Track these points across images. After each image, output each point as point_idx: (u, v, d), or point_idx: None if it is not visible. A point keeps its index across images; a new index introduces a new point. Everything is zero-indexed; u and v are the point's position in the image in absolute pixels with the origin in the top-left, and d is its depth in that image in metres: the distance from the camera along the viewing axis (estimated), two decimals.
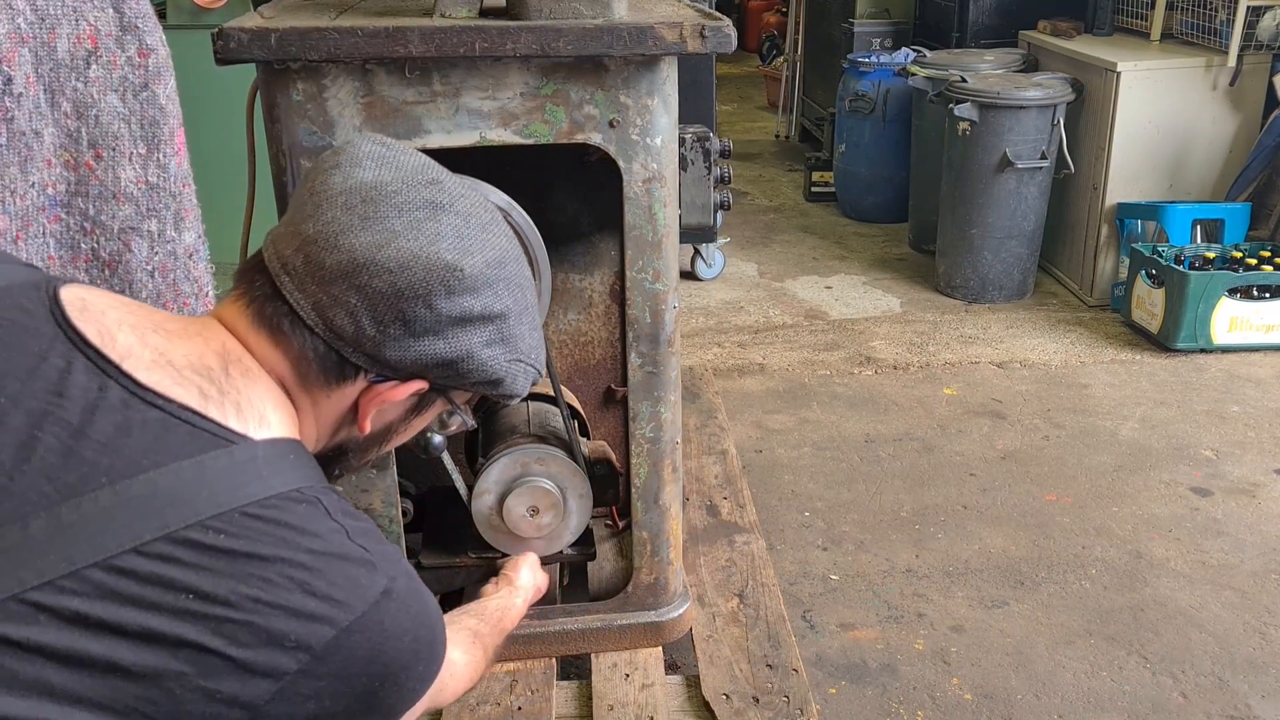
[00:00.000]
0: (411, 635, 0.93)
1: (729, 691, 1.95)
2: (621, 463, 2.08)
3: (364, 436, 1.06)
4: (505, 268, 1.02)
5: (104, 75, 1.56)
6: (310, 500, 0.91)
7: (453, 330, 0.98)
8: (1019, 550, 2.84)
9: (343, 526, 0.91)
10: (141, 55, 1.60)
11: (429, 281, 0.95)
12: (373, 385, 1.01)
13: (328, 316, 0.96)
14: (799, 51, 7.14)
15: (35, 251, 1.53)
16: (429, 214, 0.98)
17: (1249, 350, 3.98)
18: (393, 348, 0.97)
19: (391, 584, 0.91)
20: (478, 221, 1.01)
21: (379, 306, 0.95)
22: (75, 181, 1.56)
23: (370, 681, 0.90)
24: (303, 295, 0.96)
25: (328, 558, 0.89)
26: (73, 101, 1.54)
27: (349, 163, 1.00)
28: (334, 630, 0.86)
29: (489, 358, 1.02)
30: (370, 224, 0.95)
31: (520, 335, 1.05)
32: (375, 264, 0.94)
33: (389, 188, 0.98)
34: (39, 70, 1.49)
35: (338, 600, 0.87)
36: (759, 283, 4.87)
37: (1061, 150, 4.33)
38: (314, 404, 1.01)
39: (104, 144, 1.58)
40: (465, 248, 0.98)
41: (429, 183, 1.00)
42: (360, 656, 0.88)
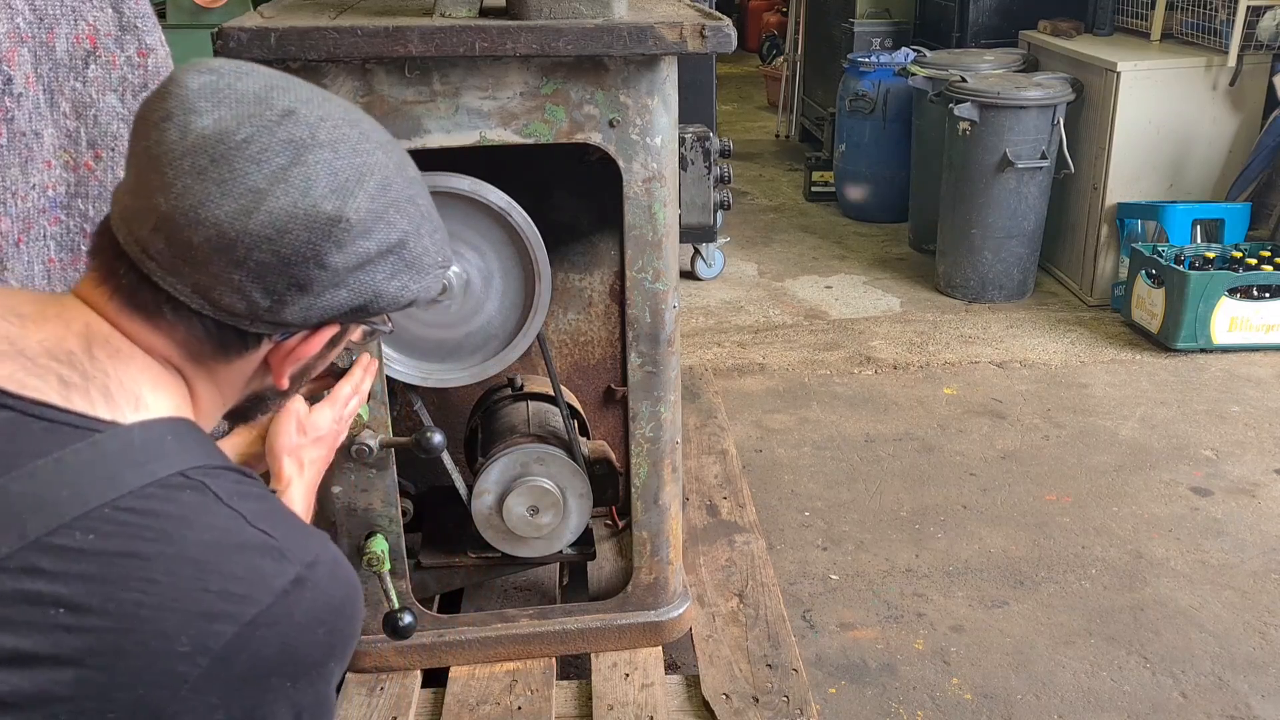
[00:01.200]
0: (327, 627, 0.84)
1: (729, 691, 1.95)
2: (621, 462, 2.08)
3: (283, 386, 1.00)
4: (390, 189, 0.91)
5: (103, 75, 1.56)
6: (196, 486, 0.82)
7: (353, 276, 0.90)
8: (1019, 550, 2.84)
9: (238, 511, 0.82)
10: (141, 55, 1.60)
11: (314, 240, 0.86)
12: (280, 343, 0.94)
13: (213, 297, 0.87)
14: (799, 51, 7.14)
15: (37, 254, 1.53)
16: (292, 157, 0.85)
17: (1249, 350, 3.98)
18: (293, 311, 0.89)
19: (305, 571, 0.82)
20: (347, 147, 0.89)
21: (267, 278, 0.86)
22: (75, 183, 1.56)
23: (280, 681, 0.81)
24: (178, 279, 0.86)
25: (222, 549, 0.80)
26: (71, 101, 1.54)
27: (182, 109, 0.86)
28: (235, 627, 0.77)
29: (398, 288, 0.94)
30: (229, 187, 0.83)
31: (424, 251, 0.96)
32: (249, 235, 0.84)
33: (237, 137, 0.84)
34: (38, 70, 1.49)
35: (237, 594, 0.78)
36: (759, 282, 4.87)
37: (1062, 150, 4.33)
38: (212, 375, 0.93)
39: (103, 144, 1.58)
40: (343, 187, 0.87)
41: (281, 116, 0.87)
42: (268, 655, 0.79)
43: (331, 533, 1.92)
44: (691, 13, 1.76)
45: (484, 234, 1.77)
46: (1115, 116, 4.22)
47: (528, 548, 1.98)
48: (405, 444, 1.80)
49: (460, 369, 1.87)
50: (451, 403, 2.31)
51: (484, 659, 2.03)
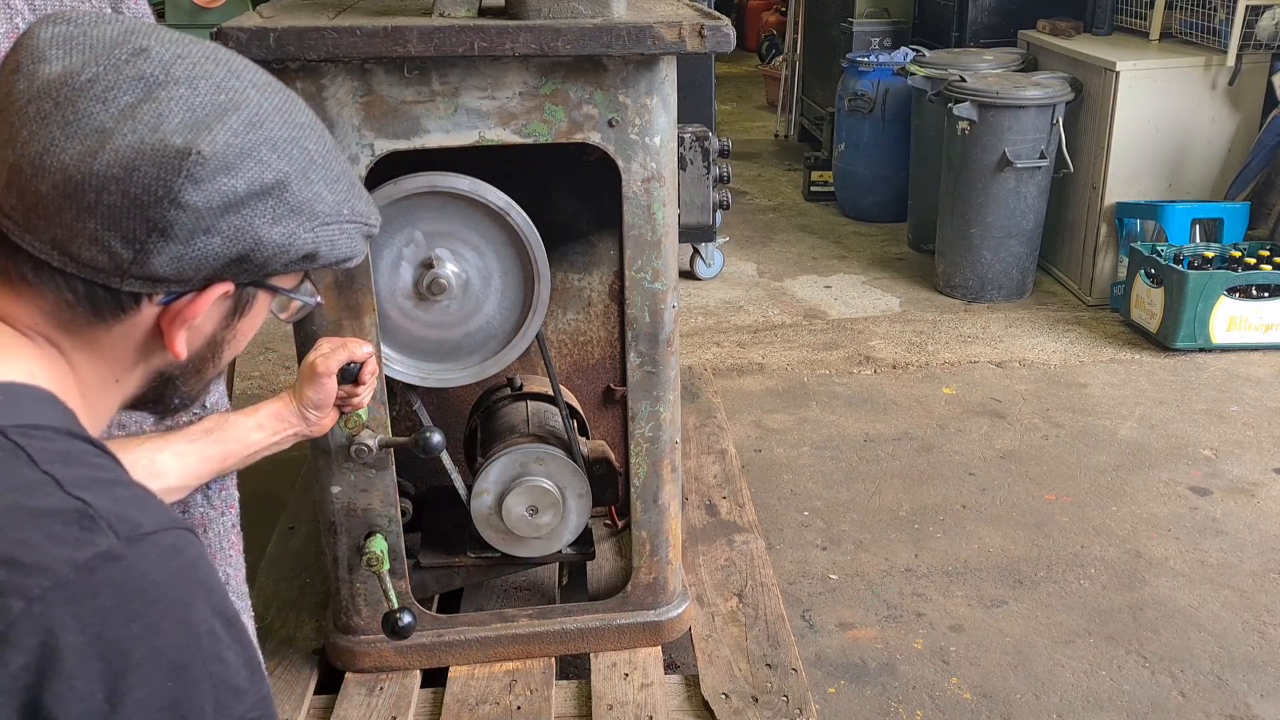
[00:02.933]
0: (142, 621, 0.71)
1: (728, 691, 1.95)
2: (620, 462, 2.08)
3: (186, 359, 0.91)
4: (261, 127, 0.83)
5: None
6: (10, 446, 0.74)
7: (224, 220, 0.82)
8: (1018, 549, 2.84)
9: (50, 476, 0.74)
10: None
11: (165, 177, 0.78)
12: (167, 306, 0.85)
13: (72, 252, 0.80)
14: (798, 51, 7.14)
15: None
16: (141, 95, 0.79)
17: (1248, 349, 3.98)
18: (161, 262, 0.81)
19: (124, 547, 0.72)
20: (209, 84, 0.82)
21: (123, 223, 0.79)
22: None
23: (103, 670, 0.69)
24: (34, 236, 0.80)
25: (18, 514, 0.71)
26: None
27: (31, 59, 0.81)
28: (22, 602, 0.67)
29: (283, 235, 0.85)
30: (73, 129, 0.78)
31: (315, 196, 0.87)
32: (96, 176, 0.78)
33: (83, 77, 0.79)
34: None
35: (27, 564, 0.68)
36: (758, 282, 4.87)
37: (1061, 150, 4.33)
38: (92, 345, 0.86)
39: None
40: (199, 122, 0.80)
41: (133, 54, 0.81)
42: (66, 644, 0.68)
43: (331, 532, 1.92)
44: (690, 12, 1.76)
45: (483, 234, 1.77)
46: (1114, 116, 4.23)
47: (527, 548, 1.99)
48: (404, 444, 1.80)
49: (459, 369, 1.87)
50: (451, 403, 2.31)
51: (483, 659, 2.03)
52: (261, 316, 0.96)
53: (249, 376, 3.84)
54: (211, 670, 0.74)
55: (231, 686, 0.75)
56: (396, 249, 1.76)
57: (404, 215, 1.73)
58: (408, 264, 1.77)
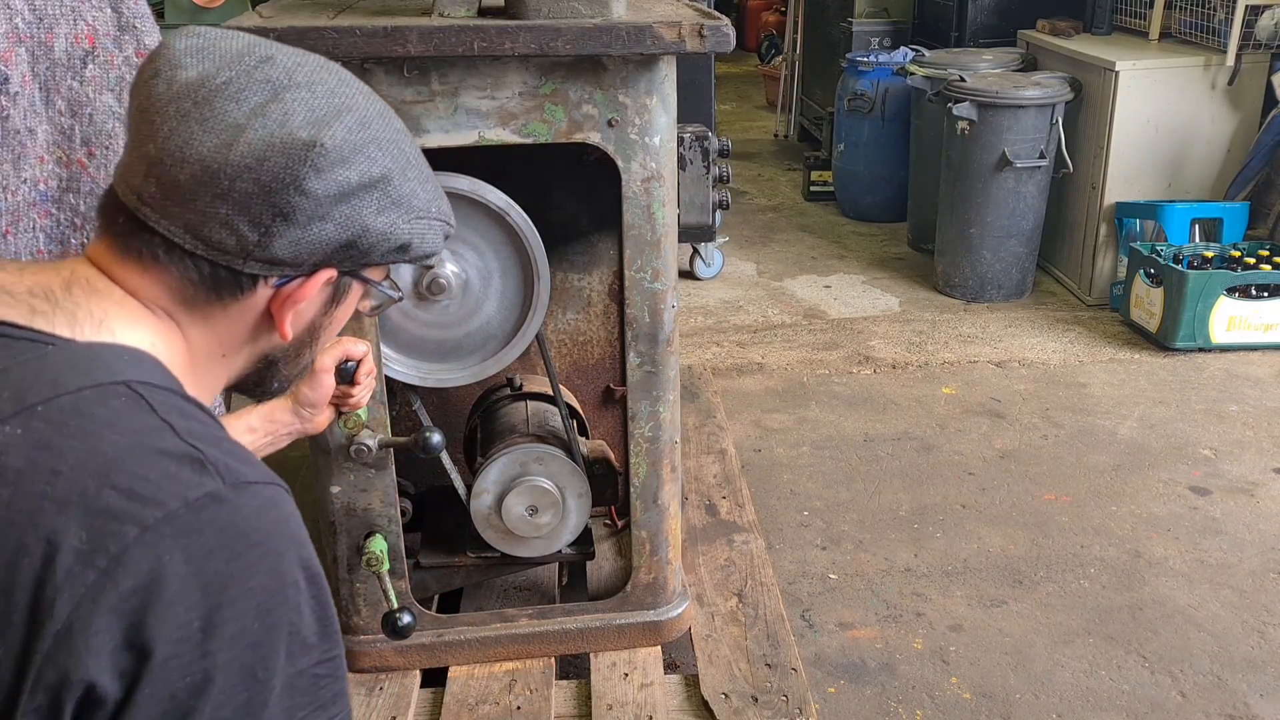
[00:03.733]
0: (241, 563, 0.78)
1: (728, 691, 1.95)
2: (620, 462, 2.08)
3: (289, 342, 1.00)
4: (370, 128, 0.94)
5: (100, 74, 1.56)
6: (132, 395, 0.82)
7: (337, 208, 0.91)
8: (1018, 549, 2.84)
9: (168, 423, 0.81)
10: (139, 55, 1.60)
11: (292, 166, 0.88)
12: (279, 289, 0.94)
13: (204, 235, 0.89)
14: (798, 51, 7.14)
15: (25, 245, 1.53)
16: (269, 96, 0.89)
17: (1247, 349, 3.98)
18: (281, 245, 0.90)
19: (227, 491, 0.79)
20: (325, 89, 0.92)
21: (252, 208, 0.88)
22: (67, 178, 1.56)
23: (189, 613, 0.75)
24: (170, 220, 0.89)
25: (138, 451, 0.78)
26: (67, 100, 1.54)
27: (168, 66, 0.91)
28: (137, 529, 0.74)
29: (386, 225, 0.96)
30: (210, 125, 0.88)
31: (412, 192, 0.98)
32: (231, 165, 0.87)
33: (217, 80, 0.89)
34: (35, 69, 1.49)
35: (144, 496, 0.75)
36: (758, 282, 4.87)
37: (1060, 149, 4.33)
38: (208, 321, 0.94)
39: (97, 142, 1.58)
40: (320, 119, 0.90)
41: (260, 62, 0.91)
42: (170, 572, 0.74)
43: (331, 531, 1.92)
44: (690, 12, 1.76)
45: (483, 234, 1.77)
46: (1114, 116, 4.23)
47: (527, 547, 1.99)
48: (404, 444, 1.80)
49: (459, 369, 1.87)
50: (451, 403, 2.31)
51: (483, 659, 2.03)
52: (352, 307, 1.05)
53: None
54: (290, 619, 0.80)
55: (302, 639, 0.81)
56: None
57: None
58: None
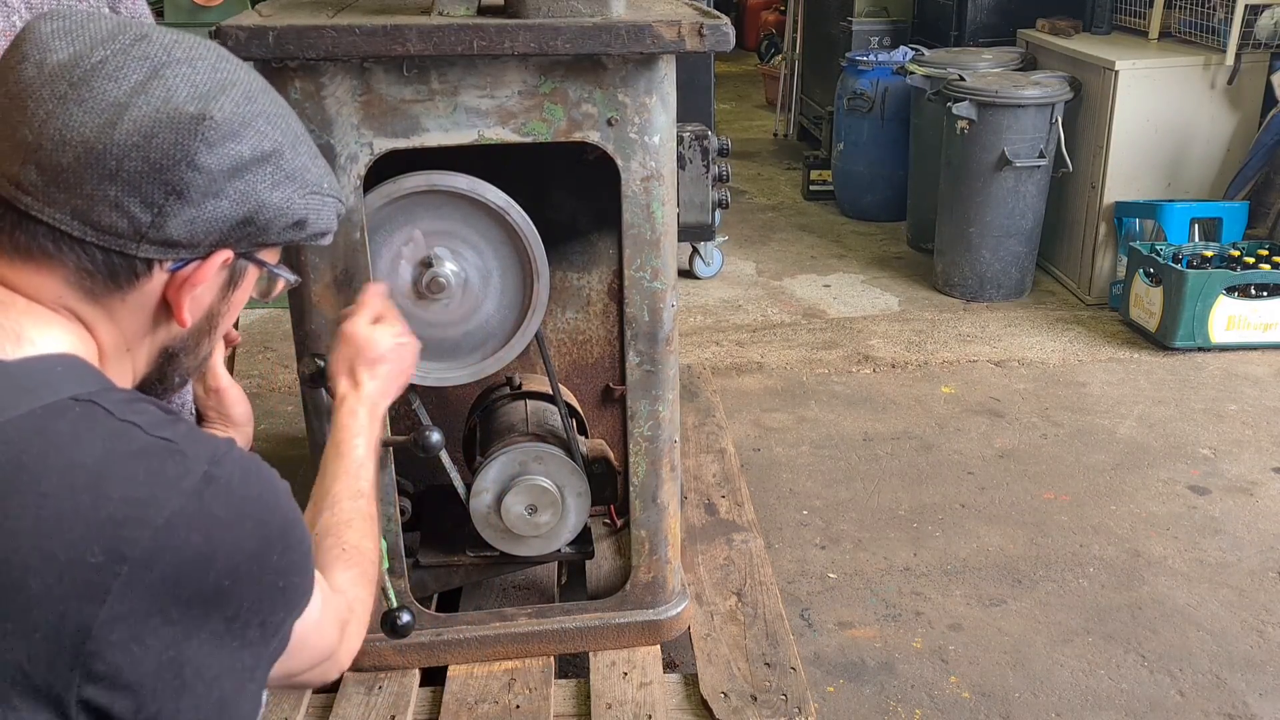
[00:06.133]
0: (253, 519, 0.83)
1: (727, 690, 1.95)
2: (620, 461, 2.08)
3: (187, 331, 0.98)
4: (256, 102, 0.92)
5: None
6: (85, 404, 0.82)
7: (231, 183, 0.89)
8: (1017, 549, 2.84)
9: (132, 422, 0.82)
10: None
11: (182, 141, 0.86)
12: (174, 273, 0.92)
13: (93, 219, 0.85)
14: (797, 50, 7.14)
15: None
16: (149, 73, 0.86)
17: (1247, 349, 3.98)
18: (176, 225, 0.87)
19: (212, 468, 0.82)
20: (206, 64, 0.90)
21: (143, 187, 0.85)
22: None
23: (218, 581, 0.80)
24: (54, 208, 0.85)
25: (118, 456, 0.79)
26: None
27: (36, 50, 0.87)
28: (150, 531, 0.76)
29: (282, 199, 0.93)
30: (90, 105, 0.84)
31: (304, 167, 0.96)
32: (117, 145, 0.84)
33: (92, 59, 0.86)
34: None
35: (142, 499, 0.77)
36: (757, 281, 4.87)
37: (1060, 149, 4.33)
38: (111, 316, 0.91)
39: None
40: (205, 93, 0.88)
41: (135, 40, 0.88)
42: (193, 555, 0.78)
43: None
44: (690, 11, 1.76)
45: (482, 233, 1.77)
46: (1113, 115, 4.23)
47: (526, 546, 1.99)
48: (403, 443, 1.80)
49: (458, 368, 1.87)
50: (450, 401, 2.31)
51: (482, 658, 2.03)
52: (249, 291, 1.02)
53: (249, 375, 3.84)
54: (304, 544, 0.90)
55: (307, 554, 0.91)
56: (395, 248, 1.76)
57: (403, 214, 1.73)
58: (407, 263, 1.77)
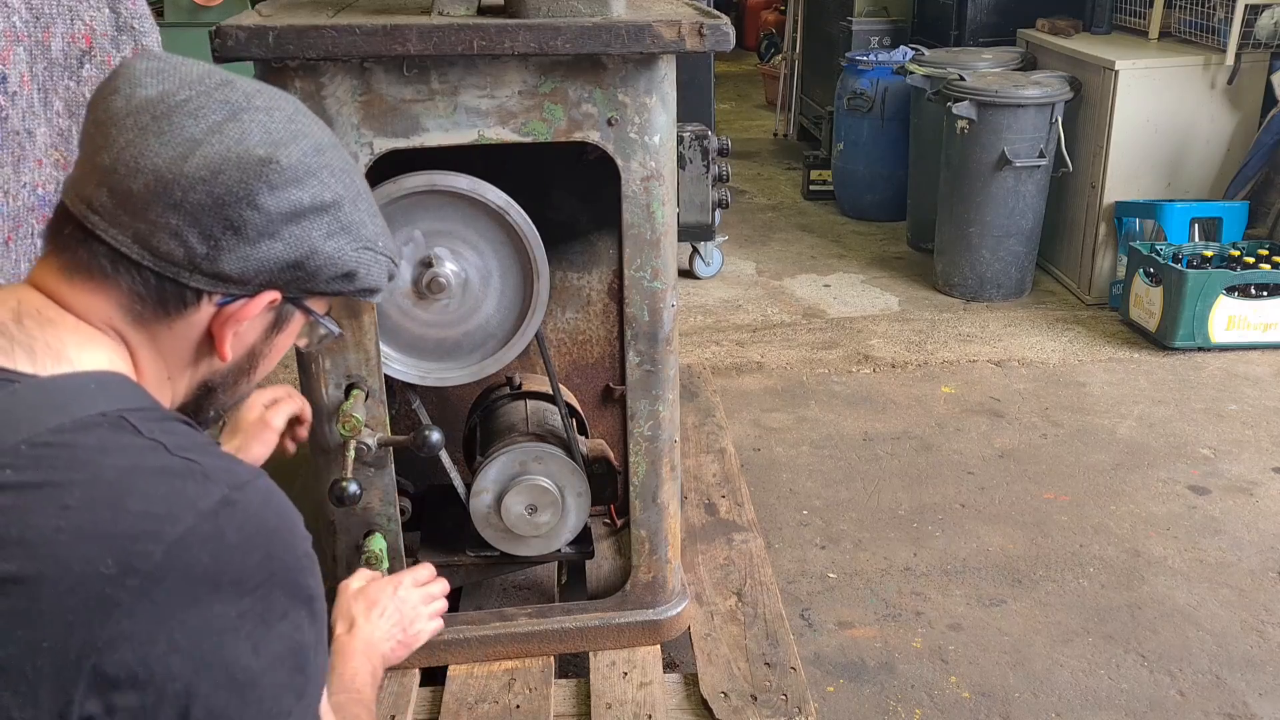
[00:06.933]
0: (263, 551, 0.83)
1: (727, 690, 1.95)
2: (620, 461, 2.08)
3: (227, 366, 1.00)
4: (324, 154, 0.96)
5: (98, 75, 1.56)
6: (113, 422, 0.84)
7: (287, 227, 0.93)
8: (1017, 549, 2.84)
9: (158, 441, 0.84)
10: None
11: (247, 181, 0.90)
12: (222, 308, 0.95)
13: (152, 245, 0.89)
14: (797, 50, 7.14)
15: (24, 252, 1.53)
16: (227, 115, 0.91)
17: (1247, 348, 3.98)
18: (229, 260, 0.91)
19: (233, 493, 0.83)
20: (282, 114, 0.95)
21: (203, 219, 0.89)
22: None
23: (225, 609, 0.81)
24: (118, 229, 0.89)
25: (139, 472, 0.81)
26: (64, 100, 1.54)
27: (128, 84, 0.92)
28: (162, 546, 0.77)
29: (334, 250, 0.97)
30: (167, 138, 0.89)
31: (360, 222, 1.00)
32: (185, 177, 0.88)
33: (177, 97, 0.91)
34: (33, 69, 1.49)
35: (158, 514, 0.79)
36: (757, 281, 4.87)
37: (1060, 149, 4.33)
38: (155, 341, 0.94)
39: None
40: (276, 140, 0.92)
41: (219, 84, 0.93)
42: (201, 576, 0.79)
43: (330, 531, 1.92)
44: (690, 11, 1.76)
45: (482, 233, 1.77)
46: (1113, 115, 4.23)
47: (526, 546, 1.98)
48: (404, 442, 1.80)
49: (459, 368, 1.87)
50: (450, 401, 2.31)
51: (482, 657, 2.03)
52: (293, 337, 1.06)
53: None
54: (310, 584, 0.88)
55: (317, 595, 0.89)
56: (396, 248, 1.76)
57: (403, 214, 1.73)
58: (407, 263, 1.77)
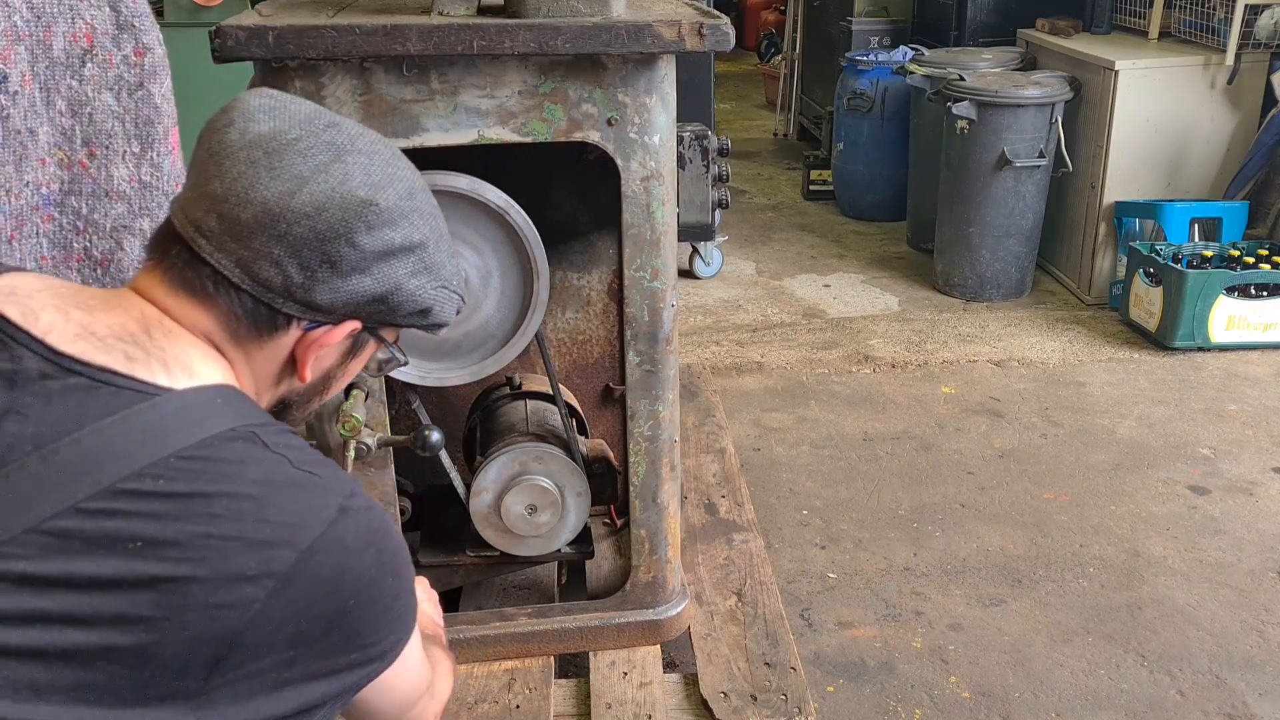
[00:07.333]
0: (375, 548, 0.94)
1: (727, 689, 1.95)
2: (619, 461, 2.08)
3: (304, 386, 1.09)
4: (416, 198, 1.04)
5: (99, 73, 1.56)
6: (246, 437, 0.93)
7: (378, 265, 1.01)
8: (1017, 549, 2.84)
9: (284, 456, 0.93)
10: (138, 54, 1.60)
11: (348, 219, 0.97)
12: (307, 333, 1.03)
13: (253, 271, 0.97)
14: (797, 49, 7.14)
15: (29, 251, 1.52)
16: (333, 156, 0.99)
17: (1246, 349, 3.98)
18: (322, 291, 0.99)
19: (346, 501, 0.93)
20: (381, 159, 1.03)
21: (303, 252, 0.97)
22: (69, 180, 1.56)
23: (343, 601, 0.91)
24: (224, 254, 0.97)
25: (274, 485, 0.90)
26: (67, 99, 1.54)
27: (242, 119, 1.01)
28: (295, 553, 0.88)
29: (416, 287, 1.05)
30: (277, 173, 0.97)
31: (441, 263, 1.08)
32: (291, 211, 0.96)
33: (288, 136, 0.99)
34: (35, 68, 1.49)
35: (293, 524, 0.89)
36: (757, 281, 4.87)
37: (1060, 149, 4.33)
38: (248, 359, 1.02)
39: (98, 142, 1.57)
40: (376, 183, 1.00)
41: (327, 126, 1.02)
42: (327, 575, 0.89)
43: None
44: (690, 11, 1.76)
45: (482, 233, 1.77)
46: (1113, 115, 4.23)
47: (526, 546, 1.98)
48: (403, 442, 1.80)
49: (458, 368, 1.87)
50: (450, 401, 2.31)
51: (482, 657, 2.03)
52: (363, 362, 1.14)
53: None
54: (408, 570, 1.00)
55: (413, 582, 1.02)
56: None
57: None
58: None
